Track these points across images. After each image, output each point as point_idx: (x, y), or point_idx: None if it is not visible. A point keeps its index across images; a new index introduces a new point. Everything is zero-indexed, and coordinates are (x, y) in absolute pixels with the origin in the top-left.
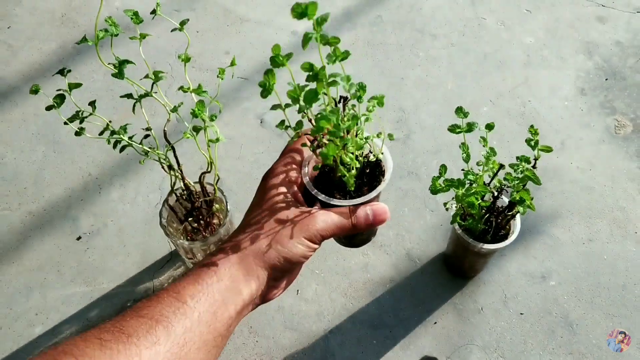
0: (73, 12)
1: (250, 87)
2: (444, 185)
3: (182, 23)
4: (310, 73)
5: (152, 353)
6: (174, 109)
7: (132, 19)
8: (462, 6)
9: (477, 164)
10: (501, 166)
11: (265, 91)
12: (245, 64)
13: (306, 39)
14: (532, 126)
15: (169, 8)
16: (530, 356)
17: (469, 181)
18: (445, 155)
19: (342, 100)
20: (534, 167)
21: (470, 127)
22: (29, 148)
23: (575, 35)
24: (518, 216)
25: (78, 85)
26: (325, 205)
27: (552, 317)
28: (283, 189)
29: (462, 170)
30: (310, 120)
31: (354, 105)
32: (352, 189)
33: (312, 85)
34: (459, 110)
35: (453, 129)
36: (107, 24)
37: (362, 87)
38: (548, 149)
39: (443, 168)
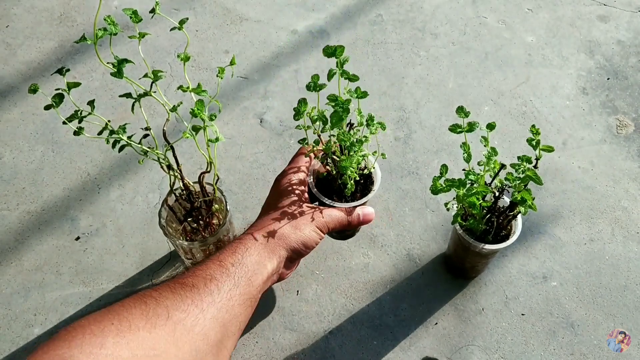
0: (72, 11)
1: (250, 86)
2: (444, 186)
3: (182, 22)
4: (335, 104)
5: (210, 300)
6: (173, 109)
7: (131, 17)
8: (463, 5)
9: (478, 163)
10: (502, 166)
11: (298, 115)
12: (245, 63)
13: (330, 74)
14: (533, 126)
15: (168, 7)
16: (532, 357)
17: (470, 181)
18: (446, 155)
19: (349, 125)
20: (535, 167)
21: (471, 127)
22: (27, 148)
23: (577, 34)
24: (519, 216)
25: (77, 84)
26: (326, 206)
27: (554, 317)
28: (296, 188)
29: (463, 170)
30: (319, 136)
31: (358, 130)
32: (349, 194)
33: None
34: (460, 110)
35: (454, 128)
36: (105, 23)
37: (371, 118)
38: (549, 149)
39: (444, 168)
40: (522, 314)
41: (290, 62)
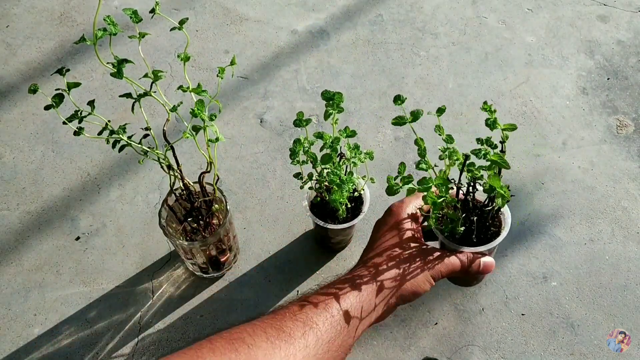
0: (72, 11)
1: (250, 86)
2: (400, 184)
3: (182, 22)
4: (325, 142)
5: (304, 354)
6: (174, 109)
7: (131, 18)
8: (463, 5)
9: (440, 157)
10: (467, 156)
11: (294, 155)
12: (245, 63)
13: (327, 114)
14: (485, 102)
15: (168, 7)
16: (532, 357)
17: (425, 174)
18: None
19: (340, 157)
20: (502, 151)
21: (415, 116)
22: (27, 148)
23: (577, 35)
24: (507, 210)
25: (77, 84)
26: (323, 228)
27: (554, 317)
28: (411, 224)
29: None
30: (314, 168)
31: (348, 160)
32: (343, 216)
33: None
34: (397, 99)
35: (398, 121)
36: (105, 23)
37: (357, 147)
38: (512, 127)
39: (402, 166)
40: (522, 314)
41: (290, 62)
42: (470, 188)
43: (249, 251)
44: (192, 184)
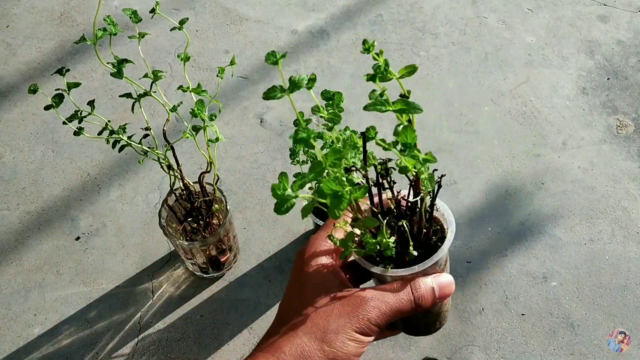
0: (72, 11)
1: (250, 86)
2: (294, 189)
3: (182, 22)
4: (325, 142)
5: None
6: (173, 109)
7: (130, 18)
8: (463, 5)
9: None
10: (364, 136)
11: (294, 155)
12: (245, 63)
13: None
14: (365, 41)
15: (168, 7)
16: (532, 357)
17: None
18: (446, 155)
19: None
20: (403, 96)
21: (296, 85)
22: (27, 148)
23: (577, 35)
24: (444, 206)
25: (77, 84)
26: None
27: (554, 317)
28: (324, 265)
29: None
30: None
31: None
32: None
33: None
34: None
35: (268, 94)
36: (105, 23)
37: (357, 147)
38: (411, 69)
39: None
40: (522, 314)
41: (290, 62)
42: (386, 178)
43: (249, 251)
44: (192, 184)
